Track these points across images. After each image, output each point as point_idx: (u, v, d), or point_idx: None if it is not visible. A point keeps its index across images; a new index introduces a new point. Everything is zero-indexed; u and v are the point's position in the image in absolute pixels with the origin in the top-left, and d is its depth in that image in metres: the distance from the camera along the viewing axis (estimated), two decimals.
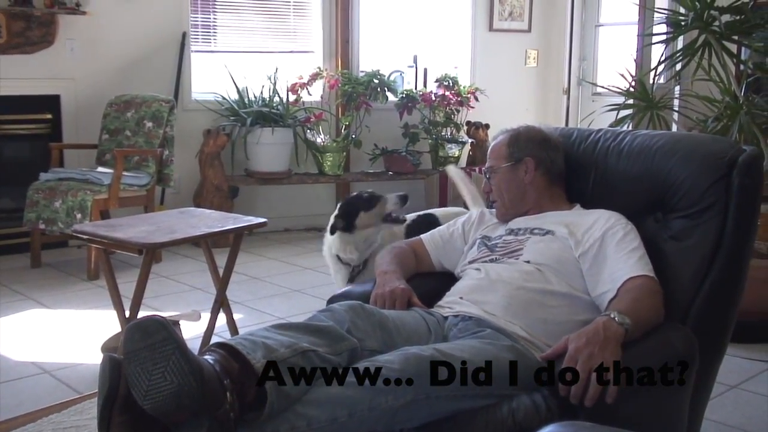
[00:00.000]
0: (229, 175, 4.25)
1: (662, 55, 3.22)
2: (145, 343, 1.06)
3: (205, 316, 2.55)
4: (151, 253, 2.18)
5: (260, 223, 2.41)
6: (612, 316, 1.27)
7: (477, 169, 4.28)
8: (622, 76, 3.23)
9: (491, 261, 1.56)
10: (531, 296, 1.44)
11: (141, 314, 2.11)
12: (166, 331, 1.07)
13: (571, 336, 1.25)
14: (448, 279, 1.63)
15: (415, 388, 1.15)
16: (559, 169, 1.65)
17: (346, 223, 2.19)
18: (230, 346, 1.16)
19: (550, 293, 1.45)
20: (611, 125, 3.15)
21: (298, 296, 3.23)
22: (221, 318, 2.52)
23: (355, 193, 2.32)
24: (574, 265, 1.48)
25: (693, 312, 1.40)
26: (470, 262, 1.61)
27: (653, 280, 1.39)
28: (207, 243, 2.48)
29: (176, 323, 2.26)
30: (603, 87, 4.05)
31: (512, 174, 1.63)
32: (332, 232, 2.22)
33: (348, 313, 1.33)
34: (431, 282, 1.65)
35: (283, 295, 3.24)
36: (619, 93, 3.15)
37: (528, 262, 1.50)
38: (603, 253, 1.46)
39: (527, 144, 1.64)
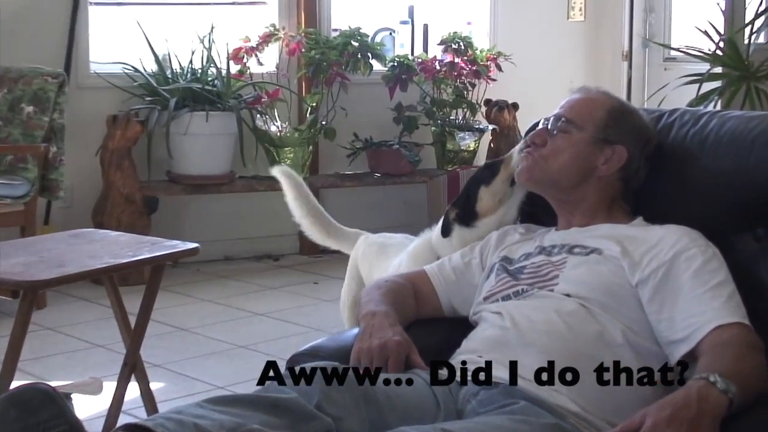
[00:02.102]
0: (144, 181, 4.24)
1: (762, 3, 3.26)
2: (24, 423, 1.06)
3: (110, 386, 2.53)
4: (31, 296, 2.17)
5: (190, 249, 2.41)
6: (711, 380, 1.28)
7: None
8: (706, 33, 3.27)
9: (516, 295, 1.56)
10: (579, 349, 1.45)
11: (17, 384, 2.09)
12: (55, 405, 1.07)
13: (649, 408, 1.26)
14: (463, 327, 1.63)
15: None
16: (638, 183, 1.68)
17: (463, 212, 1.99)
18: (146, 429, 1.15)
19: (604, 343, 1.45)
20: (691, 103, 3.18)
21: (245, 355, 3.21)
22: (133, 388, 2.51)
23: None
24: (630, 297, 1.49)
25: None
26: (486, 298, 1.61)
27: (750, 330, 1.41)
28: (113, 280, 2.46)
29: (68, 396, 2.23)
30: (679, 50, 4.09)
31: (589, 149, 1.64)
32: (446, 233, 2.01)
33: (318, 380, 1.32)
34: (439, 331, 1.65)
35: (224, 354, 3.22)
36: (701, 58, 3.19)
37: (568, 295, 1.51)
38: (673, 285, 1.47)
39: (631, 131, 1.66)
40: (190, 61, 4.36)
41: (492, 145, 4.96)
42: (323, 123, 4.54)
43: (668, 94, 3.56)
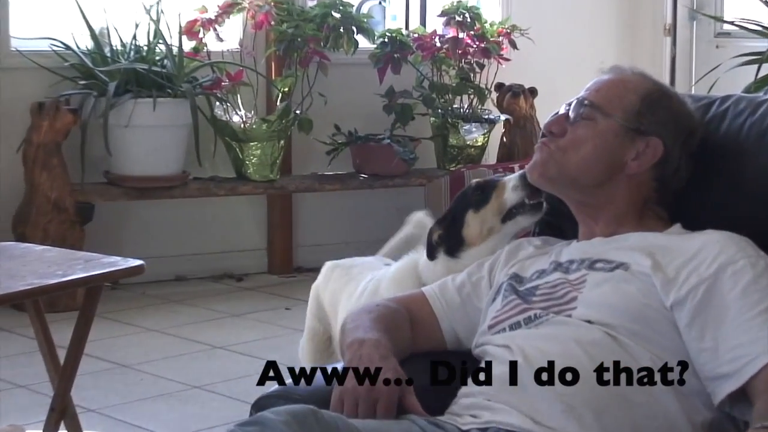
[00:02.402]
0: (77, 183, 4.23)
1: None
2: None
3: None
4: None
5: (133, 267, 2.41)
6: None
7: (517, 166, 4.29)
8: (766, 4, 3.28)
9: (527, 322, 1.57)
10: (606, 387, 1.45)
11: None
12: None
13: None
14: (469, 361, 1.63)
15: None
16: (677, 184, 1.68)
17: (447, 235, 2.15)
18: None
19: (635, 378, 1.45)
20: (747, 88, 3.19)
21: (201, 398, 3.22)
22: None
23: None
24: (664, 321, 1.49)
25: None
26: (492, 326, 1.61)
27: None
28: (38, 305, 2.46)
29: None
30: (733, 24, 4.11)
31: (617, 141, 1.64)
32: (431, 256, 2.18)
33: (290, 427, 1.32)
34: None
35: (175, 397, 3.22)
36: (760, 33, 3.21)
37: (589, 321, 1.51)
38: (717, 306, 1.47)
39: (669, 121, 1.66)
40: (134, 37, 4.35)
41: (505, 139, 4.97)
42: (297, 112, 4.54)
43: (720, 77, 3.58)
